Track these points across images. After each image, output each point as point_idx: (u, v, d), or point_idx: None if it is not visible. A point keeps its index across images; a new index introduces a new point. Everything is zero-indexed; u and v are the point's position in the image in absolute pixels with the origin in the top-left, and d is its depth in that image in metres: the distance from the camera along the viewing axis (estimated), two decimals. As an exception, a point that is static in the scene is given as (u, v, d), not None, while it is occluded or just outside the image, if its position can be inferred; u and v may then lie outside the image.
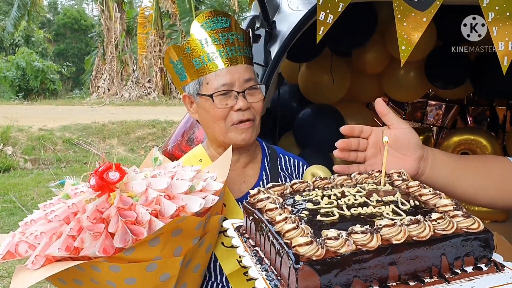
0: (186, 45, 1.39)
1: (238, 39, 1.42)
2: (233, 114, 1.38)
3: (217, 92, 1.36)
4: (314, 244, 0.75)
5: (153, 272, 1.13)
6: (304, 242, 0.75)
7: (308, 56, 3.19)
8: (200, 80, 1.39)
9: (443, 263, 0.79)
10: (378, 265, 0.76)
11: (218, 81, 1.37)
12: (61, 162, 8.74)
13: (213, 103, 1.37)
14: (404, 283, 0.77)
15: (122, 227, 1.07)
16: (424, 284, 0.76)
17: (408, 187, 0.98)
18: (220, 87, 1.36)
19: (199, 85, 1.40)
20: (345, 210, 0.87)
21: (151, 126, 11.27)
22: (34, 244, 1.13)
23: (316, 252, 0.75)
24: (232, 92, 1.37)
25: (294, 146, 3.40)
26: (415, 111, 4.52)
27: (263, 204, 0.94)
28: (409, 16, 1.76)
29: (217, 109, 1.37)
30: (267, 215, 0.89)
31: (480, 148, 3.57)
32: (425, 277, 0.78)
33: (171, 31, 17.78)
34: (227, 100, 1.37)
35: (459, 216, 0.81)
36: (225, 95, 1.37)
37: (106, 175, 1.14)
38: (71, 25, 30.26)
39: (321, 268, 0.74)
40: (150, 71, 19.25)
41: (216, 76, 1.37)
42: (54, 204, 1.25)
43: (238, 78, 1.38)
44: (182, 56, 1.40)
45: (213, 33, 1.38)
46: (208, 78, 1.38)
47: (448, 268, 0.79)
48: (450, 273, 0.79)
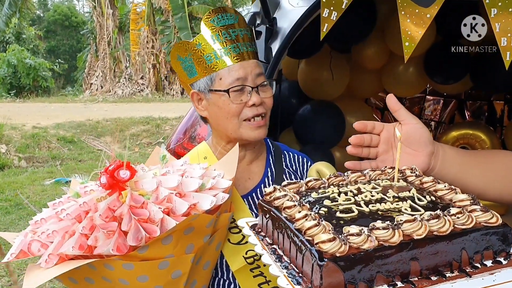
0: (196, 41, 1.39)
1: (247, 35, 1.43)
2: (247, 110, 1.39)
3: (233, 88, 1.36)
4: (337, 241, 0.76)
5: (165, 270, 1.14)
6: (327, 239, 0.76)
7: (307, 52, 3.19)
8: (212, 76, 1.39)
9: (463, 258, 0.80)
10: (400, 260, 0.77)
11: (232, 76, 1.37)
12: (55, 160, 8.69)
13: (228, 99, 1.37)
14: (426, 278, 0.78)
15: (135, 225, 1.07)
16: (446, 279, 0.77)
17: (422, 183, 0.98)
18: (235, 81, 1.37)
19: (211, 81, 1.39)
20: (364, 207, 0.88)
21: (145, 123, 11.23)
22: (46, 243, 1.13)
23: (339, 248, 0.75)
24: (246, 87, 1.38)
25: (294, 143, 3.40)
26: (413, 106, 4.55)
27: (281, 202, 0.94)
28: (413, 13, 1.77)
29: (232, 105, 1.37)
30: (286, 213, 0.90)
31: (479, 142, 3.60)
32: (446, 272, 0.79)
33: (164, 27, 17.69)
34: (241, 96, 1.38)
35: (477, 211, 0.82)
36: (239, 91, 1.37)
37: (117, 173, 1.14)
38: (62, 22, 29.99)
39: (345, 265, 0.75)
40: (143, 67, 19.16)
41: (230, 71, 1.37)
42: (63, 202, 1.24)
43: (250, 72, 1.38)
44: (192, 52, 1.39)
45: (223, 29, 1.39)
46: (221, 73, 1.38)
47: (468, 262, 0.80)
48: (470, 267, 0.80)
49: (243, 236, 1.37)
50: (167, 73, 18.71)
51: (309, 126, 3.35)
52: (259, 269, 1.38)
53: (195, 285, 1.28)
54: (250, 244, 1.34)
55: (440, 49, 3.24)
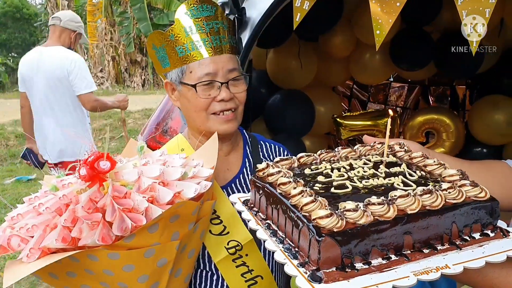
0: (170, 32, 1.36)
1: (223, 28, 1.40)
2: (215, 104, 1.37)
3: (201, 83, 1.34)
4: (334, 216, 0.77)
5: (151, 258, 1.13)
6: (325, 215, 0.78)
7: (275, 42, 3.20)
8: (183, 68, 1.37)
9: (453, 231, 0.83)
10: (395, 235, 0.80)
11: (201, 70, 1.35)
12: (15, 157, 8.32)
13: (195, 93, 1.35)
14: (419, 251, 0.81)
15: (119, 215, 1.06)
16: (437, 251, 0.80)
17: (411, 158, 1.01)
18: (204, 76, 1.35)
19: (182, 73, 1.38)
20: (357, 182, 0.90)
21: (107, 116, 10.91)
22: (27, 238, 1.09)
23: (336, 224, 0.77)
24: (215, 82, 1.36)
25: (265, 132, 3.42)
26: (378, 93, 4.65)
27: (275, 178, 0.95)
28: (383, 1, 1.81)
29: (199, 99, 1.36)
30: (280, 189, 0.90)
31: (444, 126, 3.74)
32: (437, 244, 0.82)
33: (122, 19, 17.23)
34: (210, 90, 1.36)
35: (467, 186, 0.86)
36: (208, 85, 1.35)
37: (97, 164, 1.11)
38: (13, 14, 28.60)
39: (342, 239, 0.77)
40: (102, 60, 18.61)
41: (200, 65, 1.35)
42: (40, 197, 1.21)
43: (221, 67, 1.36)
44: (165, 43, 1.37)
45: (198, 21, 1.36)
46: (192, 66, 1.36)
47: (457, 235, 0.84)
48: (460, 239, 0.84)
49: (224, 227, 1.38)
50: (127, 65, 18.28)
51: (279, 115, 3.37)
52: (241, 259, 1.39)
53: (181, 273, 1.27)
54: (231, 235, 1.36)
55: (405, 36, 3.33)
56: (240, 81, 1.41)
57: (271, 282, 1.43)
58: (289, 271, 0.81)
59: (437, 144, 3.80)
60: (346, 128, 3.68)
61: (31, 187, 6.78)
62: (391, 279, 0.75)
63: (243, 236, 1.38)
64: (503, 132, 3.46)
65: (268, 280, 1.41)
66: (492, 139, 3.60)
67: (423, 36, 3.29)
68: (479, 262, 0.79)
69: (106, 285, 1.14)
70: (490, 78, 3.70)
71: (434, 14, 3.20)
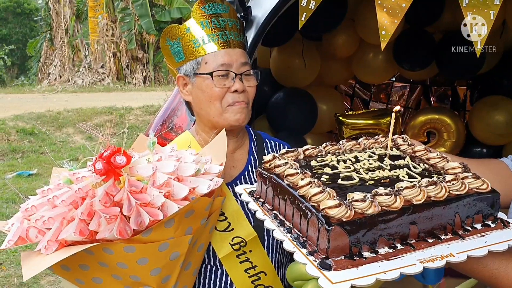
0: (186, 25, 1.43)
1: (235, 25, 1.47)
2: (229, 96, 1.42)
3: (217, 71, 1.40)
4: (343, 207, 0.81)
5: (164, 251, 1.15)
6: (334, 205, 0.81)
7: (279, 40, 3.23)
8: (198, 60, 1.42)
9: (456, 221, 0.87)
10: (401, 224, 0.84)
11: (216, 61, 1.40)
12: (16, 152, 8.33)
13: (211, 82, 1.40)
14: (423, 240, 0.85)
15: (136, 209, 1.08)
16: (441, 241, 0.84)
17: (414, 151, 1.05)
18: (219, 66, 1.40)
19: (197, 65, 1.43)
20: (363, 174, 0.93)
21: (108, 113, 10.91)
22: (43, 230, 1.12)
23: (345, 213, 0.81)
24: (230, 73, 1.41)
25: (267, 130, 3.45)
26: (381, 93, 4.68)
27: (282, 169, 0.98)
28: (389, 2, 1.84)
29: (214, 89, 1.40)
30: (288, 180, 0.93)
31: (445, 126, 3.77)
32: (441, 234, 0.86)
33: (124, 15, 17.20)
34: (225, 80, 1.41)
35: (469, 178, 0.90)
36: (223, 76, 1.41)
37: (114, 159, 1.13)
38: (14, 9, 28.45)
39: (351, 229, 0.80)
40: (103, 56, 18.56)
41: (215, 56, 1.41)
42: (53, 190, 1.21)
43: (236, 60, 1.42)
44: (181, 36, 1.43)
45: (213, 17, 1.43)
46: (207, 58, 1.41)
47: (460, 226, 0.88)
48: (462, 230, 0.88)
49: (229, 223, 1.42)
50: (128, 62, 18.24)
51: (282, 113, 3.40)
52: (245, 255, 1.42)
53: (190, 267, 1.30)
54: (236, 231, 1.39)
55: (408, 37, 3.36)
56: (251, 76, 1.47)
57: (274, 278, 1.46)
58: (298, 259, 0.83)
59: (438, 144, 3.84)
60: (348, 126, 3.71)
61: (31, 182, 6.80)
62: (399, 267, 0.79)
63: (247, 233, 1.42)
64: (503, 132, 3.50)
65: (271, 276, 1.45)
66: (492, 139, 3.64)
67: (426, 37, 3.33)
68: (482, 250, 0.82)
69: (118, 278, 1.16)
70: (490, 79, 3.74)
71: (437, 15, 3.25)
